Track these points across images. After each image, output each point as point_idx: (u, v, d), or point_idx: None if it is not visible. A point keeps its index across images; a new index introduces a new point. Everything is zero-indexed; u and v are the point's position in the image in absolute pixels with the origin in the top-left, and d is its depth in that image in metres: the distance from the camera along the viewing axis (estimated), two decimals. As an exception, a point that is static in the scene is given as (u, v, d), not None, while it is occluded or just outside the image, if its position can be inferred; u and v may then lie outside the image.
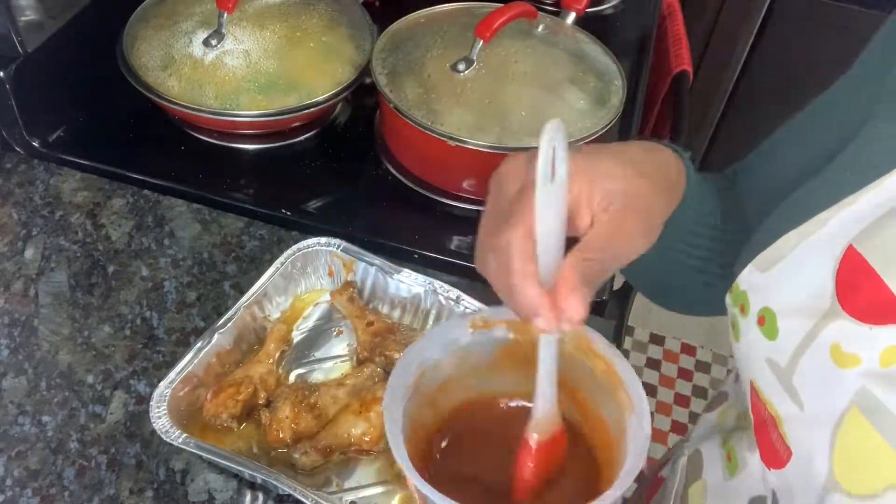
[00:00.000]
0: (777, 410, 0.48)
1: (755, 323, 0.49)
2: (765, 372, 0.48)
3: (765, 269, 0.50)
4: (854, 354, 0.43)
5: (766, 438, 0.51)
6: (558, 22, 1.08)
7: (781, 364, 0.47)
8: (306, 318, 0.84)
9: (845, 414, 0.43)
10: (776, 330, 0.47)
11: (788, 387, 0.47)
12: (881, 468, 0.41)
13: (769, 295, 0.49)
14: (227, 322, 0.77)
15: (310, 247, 0.84)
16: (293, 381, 0.79)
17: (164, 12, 1.04)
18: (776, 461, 0.50)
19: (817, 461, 0.45)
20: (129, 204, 0.96)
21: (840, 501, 0.43)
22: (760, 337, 0.49)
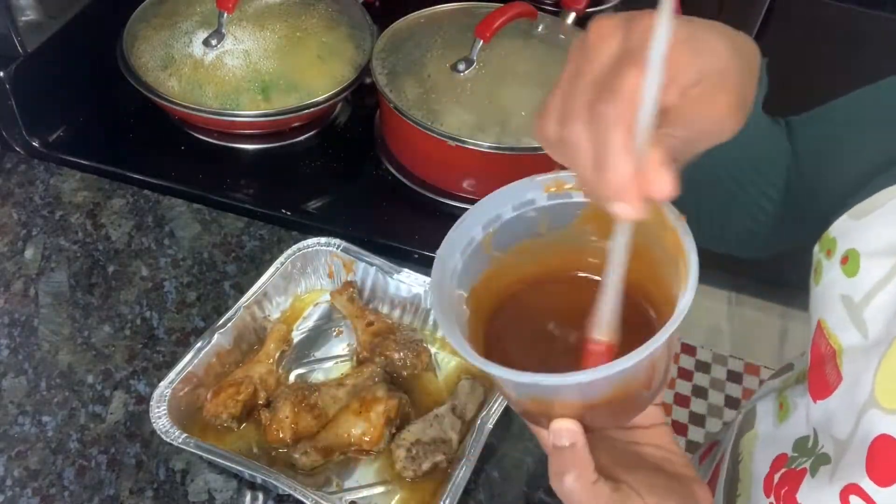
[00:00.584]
0: (840, 342, 0.51)
1: (838, 262, 0.51)
2: (837, 307, 0.51)
3: (858, 217, 0.52)
4: None
5: (819, 373, 0.53)
6: (558, 22, 1.08)
7: (856, 299, 0.50)
8: (306, 318, 0.84)
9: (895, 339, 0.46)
10: (858, 268, 0.50)
11: (857, 319, 0.49)
12: None
13: (857, 238, 0.51)
14: (227, 322, 0.77)
15: (310, 247, 0.84)
16: (293, 381, 0.79)
17: (164, 12, 1.04)
18: (824, 391, 0.52)
19: (862, 382, 0.48)
20: (129, 204, 0.96)
21: (875, 415, 0.46)
22: (840, 275, 0.51)
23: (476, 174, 0.97)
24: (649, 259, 0.48)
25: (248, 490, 0.72)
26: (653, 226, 0.46)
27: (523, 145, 0.93)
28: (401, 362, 0.79)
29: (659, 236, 0.47)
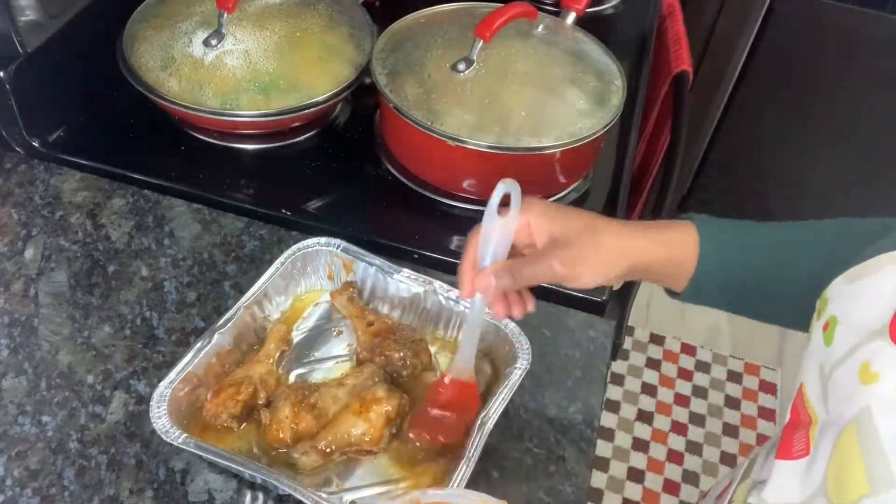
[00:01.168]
0: (816, 412, 0.50)
1: (821, 328, 0.51)
2: (815, 375, 0.51)
3: (850, 281, 0.51)
4: (876, 373, 0.44)
5: (789, 435, 0.53)
6: (558, 22, 1.08)
7: (826, 370, 0.49)
8: (306, 318, 0.85)
9: (847, 426, 0.45)
10: (832, 337, 0.49)
11: (824, 391, 0.49)
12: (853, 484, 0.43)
13: (841, 305, 0.51)
14: (227, 322, 0.77)
15: (310, 247, 0.84)
16: (293, 382, 0.79)
17: (164, 12, 1.04)
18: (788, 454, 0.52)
19: (819, 464, 0.47)
20: (129, 204, 0.96)
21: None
22: (821, 342, 0.51)
23: (476, 174, 0.97)
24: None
25: (248, 490, 0.72)
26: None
27: (523, 145, 0.93)
28: (401, 362, 0.79)
29: None
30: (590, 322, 0.89)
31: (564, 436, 0.79)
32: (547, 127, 0.95)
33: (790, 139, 1.95)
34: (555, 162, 0.98)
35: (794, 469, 0.51)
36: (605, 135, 0.98)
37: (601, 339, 0.88)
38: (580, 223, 0.65)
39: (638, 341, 2.12)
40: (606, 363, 0.86)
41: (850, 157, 1.93)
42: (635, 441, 1.92)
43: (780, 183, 2.04)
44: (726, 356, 2.11)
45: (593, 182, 1.08)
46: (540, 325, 0.87)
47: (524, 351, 0.78)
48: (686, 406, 2.00)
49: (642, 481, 1.85)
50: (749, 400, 2.01)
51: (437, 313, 0.83)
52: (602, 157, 1.08)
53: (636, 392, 2.01)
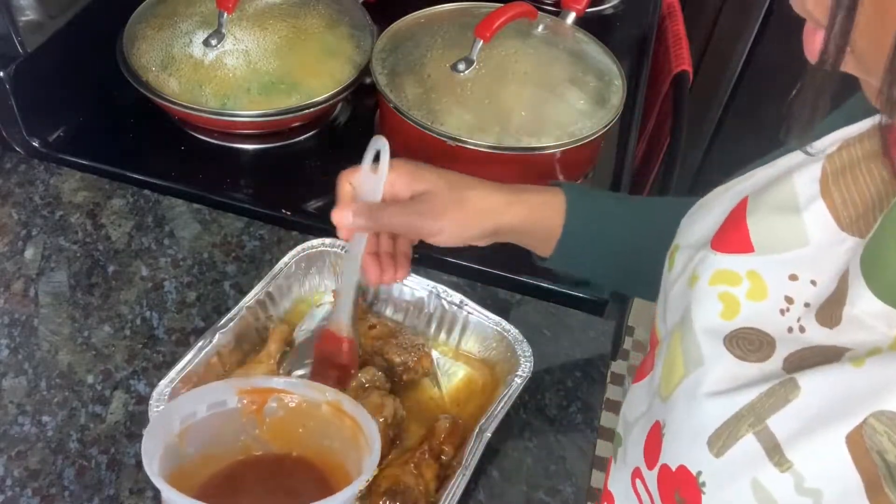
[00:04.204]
0: (659, 332, 0.54)
1: (667, 258, 0.55)
2: (661, 300, 0.55)
3: (691, 214, 0.56)
4: (697, 276, 0.49)
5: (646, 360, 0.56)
6: (558, 22, 1.08)
7: (665, 290, 0.54)
8: (309, 318, 0.84)
9: (675, 328, 0.49)
10: (673, 261, 0.54)
11: (663, 309, 0.53)
12: (674, 372, 0.47)
13: (682, 233, 0.55)
14: (229, 321, 0.77)
15: (314, 247, 0.84)
16: (293, 382, 0.79)
17: (164, 12, 1.04)
18: (641, 375, 0.56)
19: (656, 372, 0.51)
20: (129, 204, 0.96)
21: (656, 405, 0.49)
22: (666, 269, 0.55)
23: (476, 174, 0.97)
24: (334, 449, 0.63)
25: (248, 490, 0.72)
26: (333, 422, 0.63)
27: (523, 145, 0.93)
28: (401, 367, 0.78)
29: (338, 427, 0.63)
30: (590, 322, 0.89)
31: (564, 436, 0.79)
32: (547, 127, 0.95)
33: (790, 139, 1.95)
34: (555, 162, 0.98)
35: (642, 385, 0.55)
36: (605, 135, 0.98)
37: (601, 339, 0.88)
38: (445, 180, 0.66)
39: (638, 341, 2.12)
40: (606, 363, 0.86)
41: (850, 157, 1.93)
42: (635, 441, 1.91)
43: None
44: (726, 356, 2.10)
45: (593, 182, 1.08)
46: (540, 325, 0.87)
47: (526, 358, 0.77)
48: (686, 406, 2.00)
49: (642, 481, 1.84)
50: (749, 400, 2.01)
51: (440, 317, 0.83)
52: (602, 157, 1.08)
53: (636, 392, 2.01)
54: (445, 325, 0.83)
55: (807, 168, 0.47)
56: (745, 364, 0.43)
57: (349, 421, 0.63)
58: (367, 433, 0.61)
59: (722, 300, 0.46)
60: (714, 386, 0.43)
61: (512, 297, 0.90)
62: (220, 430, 0.63)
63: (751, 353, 0.44)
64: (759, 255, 0.47)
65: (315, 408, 0.64)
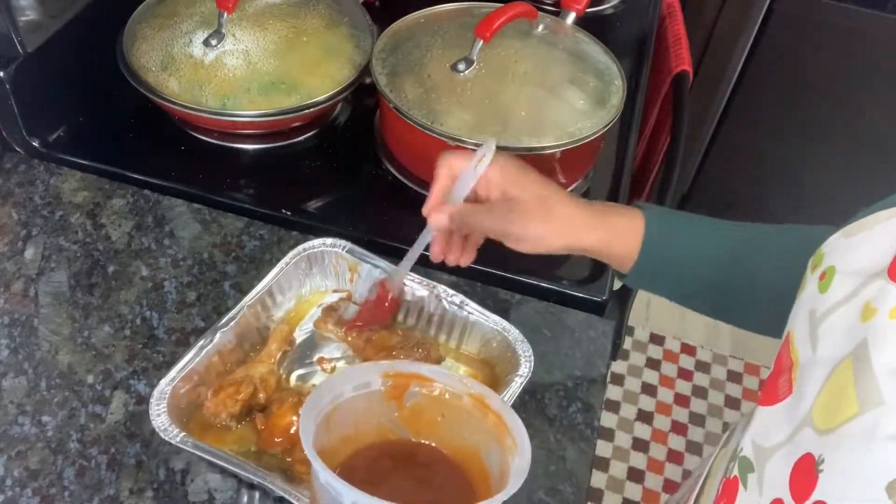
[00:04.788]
0: (798, 355, 0.52)
1: (817, 278, 0.53)
2: (804, 320, 0.53)
3: (847, 236, 0.53)
4: (875, 308, 0.46)
5: (774, 382, 0.55)
6: (558, 22, 1.08)
7: (818, 314, 0.51)
8: (309, 318, 0.84)
9: (843, 360, 0.47)
10: (829, 285, 0.51)
11: (814, 334, 0.51)
12: (843, 408, 0.45)
13: (839, 256, 0.53)
14: (230, 321, 0.77)
15: (315, 247, 0.84)
16: (294, 382, 0.79)
17: (164, 12, 1.04)
18: (773, 399, 0.54)
19: (805, 399, 0.49)
20: (129, 204, 0.96)
21: (807, 435, 0.48)
22: (815, 290, 0.53)
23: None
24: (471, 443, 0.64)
25: (248, 490, 0.72)
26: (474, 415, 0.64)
27: (523, 145, 0.93)
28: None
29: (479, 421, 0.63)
30: (590, 322, 0.89)
31: (564, 436, 0.79)
32: (547, 127, 0.95)
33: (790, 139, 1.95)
34: (555, 162, 0.98)
35: (778, 410, 0.53)
36: (605, 135, 0.98)
37: (601, 339, 0.88)
38: (536, 190, 0.68)
39: (638, 341, 2.12)
40: (606, 363, 0.86)
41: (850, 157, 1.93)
42: (635, 441, 1.92)
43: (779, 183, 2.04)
44: (726, 356, 2.11)
45: (593, 182, 1.08)
46: (540, 325, 0.87)
47: (526, 359, 0.77)
48: (686, 406, 2.00)
49: (642, 481, 1.85)
50: (749, 400, 2.01)
51: (440, 318, 0.83)
52: (602, 157, 1.08)
53: (636, 392, 2.01)
54: (446, 326, 0.83)
55: None
56: None
57: (493, 417, 0.63)
58: (515, 434, 0.61)
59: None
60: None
61: (512, 297, 0.90)
62: (363, 411, 0.64)
63: None
64: None
65: (456, 398, 0.64)
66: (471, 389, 0.64)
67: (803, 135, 1.93)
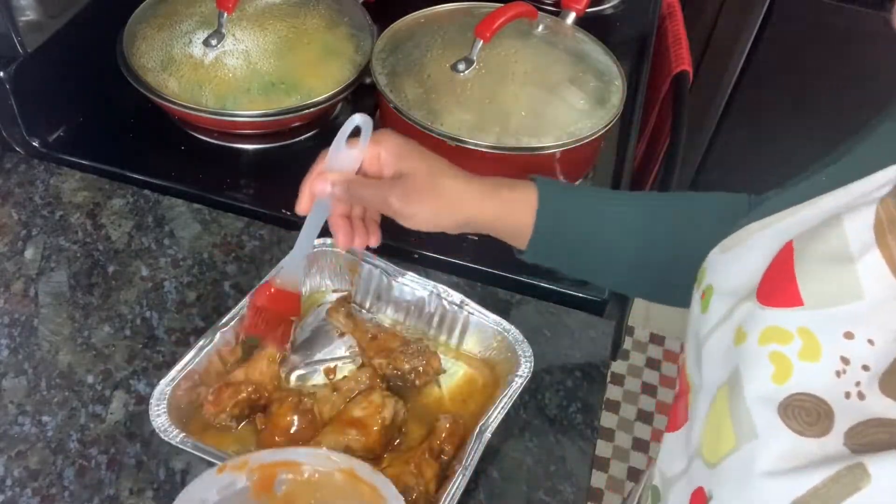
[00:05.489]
0: (691, 379, 0.52)
1: (699, 297, 0.53)
2: (692, 343, 0.52)
3: (724, 251, 0.53)
4: (745, 333, 0.45)
5: (676, 405, 0.54)
6: (558, 22, 1.08)
7: (700, 336, 0.51)
8: (309, 318, 0.84)
9: (720, 388, 0.46)
10: (708, 305, 0.51)
11: (699, 357, 0.50)
12: (723, 440, 0.44)
13: (716, 274, 0.52)
14: (230, 321, 0.77)
15: (315, 247, 0.84)
16: (294, 382, 0.79)
17: (164, 12, 1.04)
18: (674, 425, 0.54)
19: (696, 427, 0.48)
20: (129, 204, 0.96)
21: (698, 467, 0.47)
22: (698, 310, 0.52)
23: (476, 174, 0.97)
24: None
25: (248, 490, 0.72)
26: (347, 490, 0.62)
27: (523, 145, 0.93)
28: (412, 373, 0.78)
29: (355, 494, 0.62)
30: (590, 322, 0.89)
31: (564, 436, 0.79)
32: (547, 127, 0.95)
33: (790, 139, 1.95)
34: (555, 162, 0.98)
35: (678, 437, 0.52)
36: (605, 135, 0.98)
37: (601, 339, 0.88)
38: (426, 165, 0.67)
39: (638, 341, 2.12)
40: (606, 363, 0.86)
41: (850, 157, 1.93)
42: (635, 441, 1.92)
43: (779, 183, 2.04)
44: (726, 356, 2.11)
45: (593, 182, 1.08)
46: (540, 326, 0.87)
47: (526, 359, 0.77)
48: (686, 406, 2.00)
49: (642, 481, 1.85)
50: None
51: (440, 318, 0.83)
52: (602, 157, 1.08)
53: (636, 392, 2.01)
54: (446, 326, 0.83)
55: (858, 212, 0.44)
56: (804, 439, 0.40)
57: (366, 488, 0.62)
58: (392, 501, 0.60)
59: (773, 361, 0.43)
60: (771, 465, 0.40)
61: (512, 297, 0.90)
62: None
63: (808, 426, 0.41)
64: (810, 309, 0.43)
65: (327, 476, 0.63)
66: (340, 465, 0.63)
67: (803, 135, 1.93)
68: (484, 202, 0.67)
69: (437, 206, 0.66)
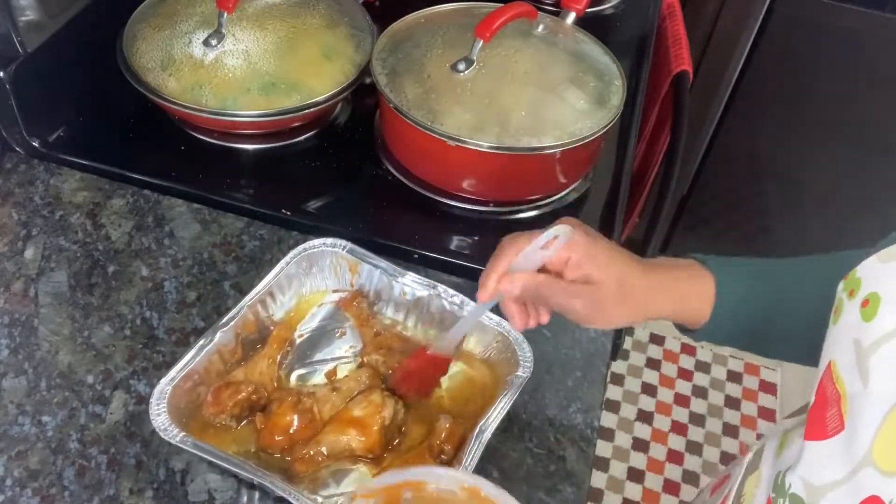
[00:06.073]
0: (846, 387, 0.51)
1: (859, 305, 0.52)
2: (848, 350, 0.51)
3: (886, 261, 0.52)
4: None
5: (821, 414, 0.53)
6: (558, 22, 1.08)
7: (865, 344, 0.50)
8: (310, 318, 0.84)
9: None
10: (876, 313, 0.50)
11: (863, 366, 0.49)
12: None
13: (882, 282, 0.51)
14: (230, 321, 0.77)
15: (315, 247, 0.84)
16: (294, 382, 0.79)
17: (164, 12, 1.04)
18: (821, 433, 0.52)
19: (862, 436, 0.48)
20: (129, 204, 0.96)
21: (869, 474, 0.46)
22: (858, 318, 0.51)
23: (476, 174, 0.97)
24: None
25: (248, 490, 0.72)
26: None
27: (523, 145, 0.93)
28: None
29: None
30: (590, 322, 0.89)
31: (564, 436, 0.79)
32: (547, 127, 0.95)
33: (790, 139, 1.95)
34: (555, 162, 0.98)
35: (831, 446, 0.51)
36: (605, 135, 0.98)
37: (601, 339, 0.88)
38: (616, 272, 0.65)
39: (638, 341, 2.12)
40: (606, 363, 0.86)
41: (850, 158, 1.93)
42: (635, 441, 1.92)
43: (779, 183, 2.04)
44: (726, 356, 2.11)
45: (593, 182, 1.08)
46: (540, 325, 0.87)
47: (526, 359, 0.77)
48: (686, 406, 2.00)
49: (642, 481, 1.85)
50: (749, 400, 2.01)
51: (440, 317, 0.83)
52: (602, 157, 1.08)
53: (636, 392, 2.01)
54: (446, 325, 0.83)
55: None
56: None
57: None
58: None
59: None
60: None
61: (512, 297, 0.90)
62: None
63: None
64: None
65: (451, 495, 0.62)
66: (464, 483, 0.62)
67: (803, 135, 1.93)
68: (665, 301, 0.67)
69: (622, 312, 0.66)
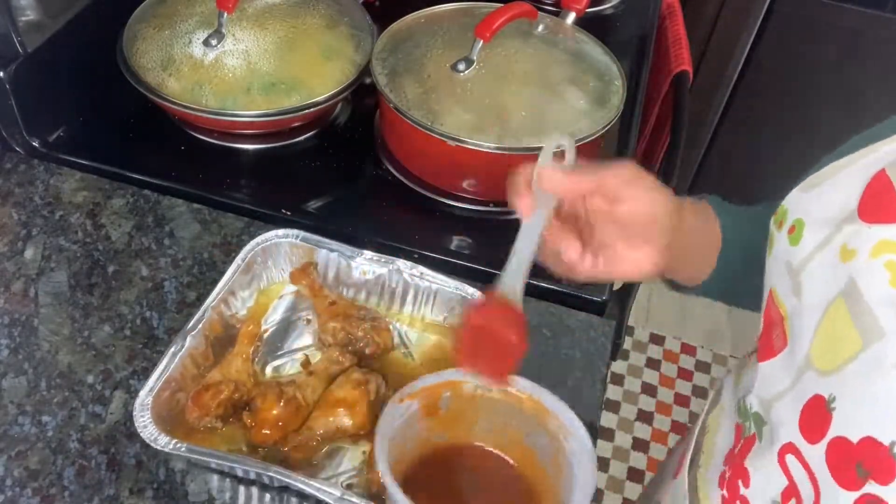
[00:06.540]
0: (785, 307, 0.54)
1: (786, 232, 0.55)
2: (783, 274, 0.55)
3: (807, 189, 0.56)
4: (853, 250, 0.49)
5: (767, 337, 0.56)
6: (558, 22, 1.08)
7: (795, 265, 0.54)
8: (273, 311, 0.85)
9: (833, 301, 0.49)
10: (801, 236, 0.54)
11: (796, 284, 0.53)
12: (845, 345, 0.47)
13: (804, 208, 0.55)
14: (197, 324, 0.77)
15: (269, 240, 0.84)
16: (270, 375, 0.80)
17: (164, 12, 1.04)
18: (769, 353, 0.56)
19: (801, 345, 0.51)
20: (129, 204, 0.96)
21: (810, 377, 0.50)
22: (787, 244, 0.55)
23: (476, 174, 0.97)
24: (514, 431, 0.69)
25: (248, 488, 0.72)
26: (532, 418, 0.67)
27: (523, 145, 0.93)
28: (363, 341, 0.80)
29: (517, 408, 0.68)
30: (590, 322, 0.89)
31: (564, 436, 0.79)
32: (547, 127, 0.95)
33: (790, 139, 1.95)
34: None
35: (776, 362, 0.55)
36: (605, 135, 0.98)
37: (601, 339, 0.88)
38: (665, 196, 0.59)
39: (638, 341, 2.12)
40: (606, 363, 0.86)
41: (850, 157, 1.93)
42: (635, 441, 1.92)
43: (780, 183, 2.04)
44: (726, 356, 2.11)
45: (593, 182, 1.08)
46: (540, 325, 0.87)
47: None
48: (686, 406, 2.00)
49: (642, 481, 1.85)
50: (749, 400, 2.01)
51: (403, 292, 0.84)
52: (602, 157, 1.08)
53: (636, 392, 2.01)
54: (409, 299, 0.84)
55: None
56: None
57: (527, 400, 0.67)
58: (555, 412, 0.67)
59: (889, 269, 0.46)
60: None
61: (512, 297, 0.90)
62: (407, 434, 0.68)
63: None
64: None
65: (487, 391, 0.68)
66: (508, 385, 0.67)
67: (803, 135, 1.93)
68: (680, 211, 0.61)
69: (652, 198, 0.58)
